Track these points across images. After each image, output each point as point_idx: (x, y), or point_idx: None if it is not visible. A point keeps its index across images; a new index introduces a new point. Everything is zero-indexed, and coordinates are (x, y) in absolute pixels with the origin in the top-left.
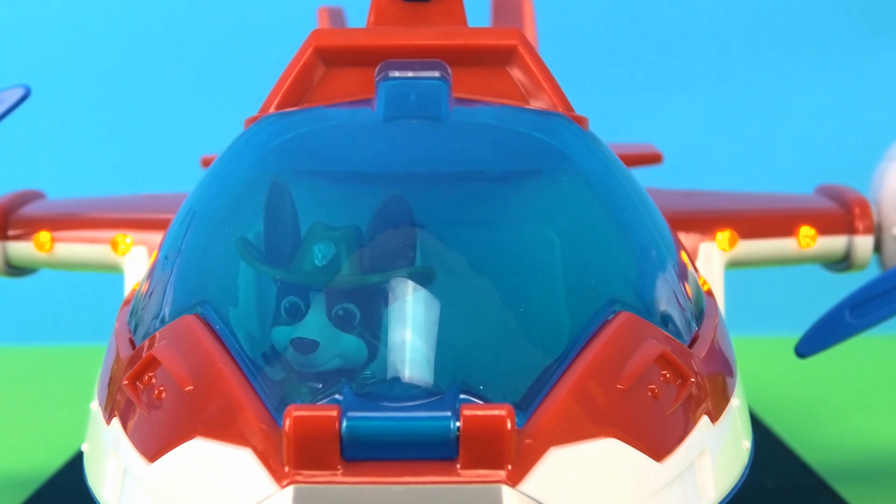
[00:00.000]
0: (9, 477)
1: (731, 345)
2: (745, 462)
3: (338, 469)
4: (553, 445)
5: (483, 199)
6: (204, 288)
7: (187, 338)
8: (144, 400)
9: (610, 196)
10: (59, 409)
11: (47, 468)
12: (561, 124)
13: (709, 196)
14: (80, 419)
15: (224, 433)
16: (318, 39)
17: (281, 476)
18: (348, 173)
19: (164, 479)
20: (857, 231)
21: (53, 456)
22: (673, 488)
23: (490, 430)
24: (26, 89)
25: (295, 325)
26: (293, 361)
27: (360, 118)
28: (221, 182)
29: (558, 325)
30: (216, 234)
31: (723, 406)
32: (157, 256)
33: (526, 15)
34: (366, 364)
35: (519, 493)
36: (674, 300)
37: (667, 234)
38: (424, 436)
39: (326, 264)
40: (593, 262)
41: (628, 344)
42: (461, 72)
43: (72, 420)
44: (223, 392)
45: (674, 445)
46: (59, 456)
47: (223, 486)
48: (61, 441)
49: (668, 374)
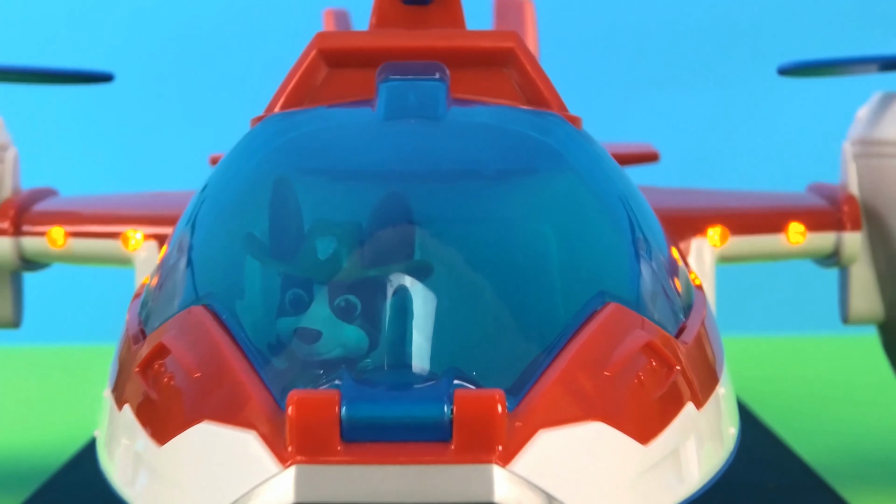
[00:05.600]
0: (12, 474)
1: (718, 336)
2: (730, 448)
3: (338, 450)
4: (542, 428)
5: (479, 196)
6: (212, 281)
7: (196, 328)
8: (154, 386)
9: (602, 193)
10: (58, 408)
11: (49, 466)
12: (555, 124)
13: (701, 194)
14: (80, 419)
15: (230, 417)
16: (321, 42)
17: (284, 457)
18: (350, 171)
19: (174, 460)
20: (845, 227)
21: (53, 456)
22: (658, 470)
23: (482, 414)
24: (109, 74)
25: (299, 316)
26: (297, 350)
27: (361, 118)
28: (228, 179)
29: (549, 316)
30: (223, 229)
31: (708, 393)
32: (167, 251)
33: (527, 17)
34: (365, 353)
35: (509, 473)
36: (661, 293)
37: (657, 230)
38: (420, 419)
39: (329, 258)
40: (584, 256)
41: (616, 333)
42: (459, 73)
43: (72, 420)
44: (229, 379)
45: (659, 430)
46: (60, 455)
47: (229, 466)
48: (62, 439)
49: (654, 362)
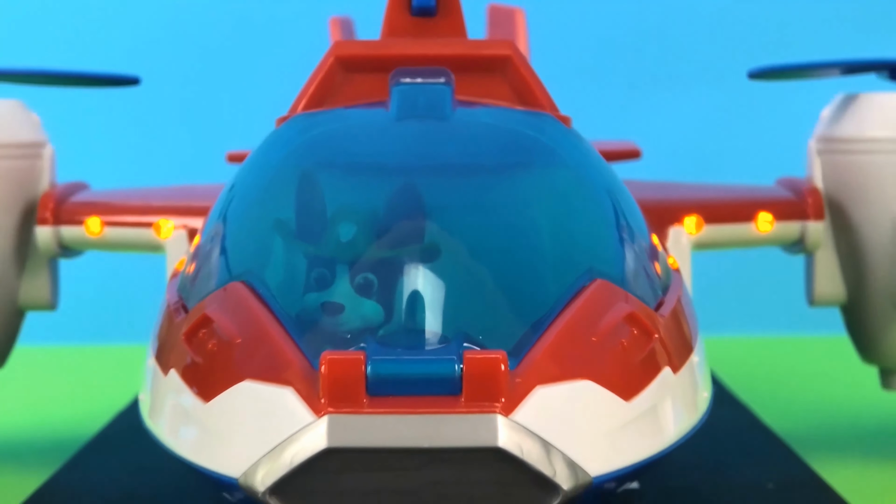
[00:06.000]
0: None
1: (693, 311)
2: (703, 409)
3: (364, 402)
4: (539, 385)
5: (481, 187)
6: (247, 261)
7: (236, 300)
8: (199, 351)
9: (589, 184)
10: (57, 409)
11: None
12: (548, 123)
13: (679, 186)
14: (80, 418)
15: (269, 376)
16: (338, 50)
17: (318, 408)
18: (366, 165)
19: (220, 414)
20: (809, 217)
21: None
22: (638, 423)
23: (487, 371)
24: (136, 78)
25: (324, 292)
26: (324, 320)
27: (376, 118)
28: (258, 172)
29: (544, 289)
30: (256, 215)
31: (683, 360)
32: (203, 236)
33: (518, 24)
34: (384, 322)
35: (511, 422)
36: (642, 272)
37: (639, 218)
38: (434, 375)
39: (349, 241)
40: (574, 239)
41: (602, 305)
42: (462, 78)
43: (71, 420)
44: (268, 342)
45: (640, 388)
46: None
47: (270, 417)
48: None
49: (636, 331)
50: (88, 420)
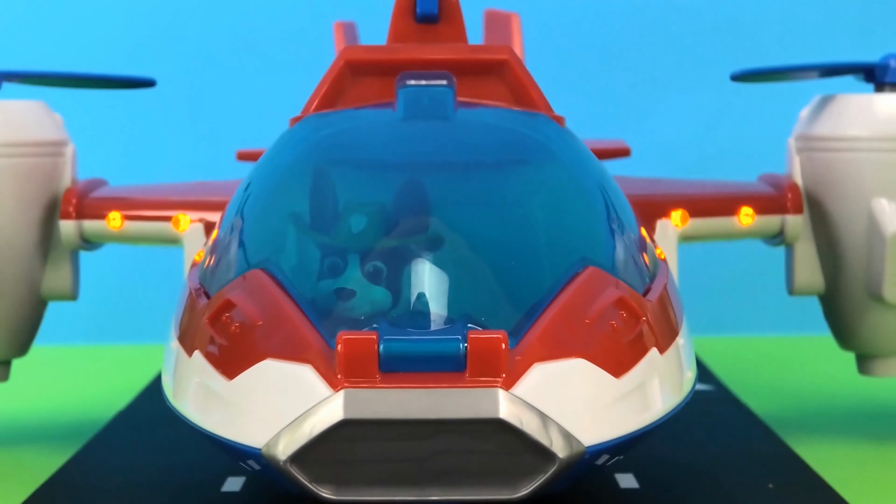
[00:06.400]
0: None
1: (679, 299)
2: (688, 388)
3: (376, 378)
4: (537, 362)
5: (482, 182)
6: (265, 250)
7: (256, 286)
8: (223, 333)
9: (582, 180)
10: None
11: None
12: (543, 123)
13: (666, 182)
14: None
15: (289, 354)
16: (348, 54)
17: (335, 383)
18: (375, 161)
19: (243, 390)
20: (788, 211)
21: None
22: (628, 398)
23: (489, 349)
24: (152, 80)
25: (337, 279)
26: (338, 304)
27: (383, 118)
28: (274, 168)
29: (540, 275)
30: (273, 208)
31: (669, 342)
32: (221, 229)
33: (514, 28)
34: (393, 306)
35: (511, 395)
36: (631, 261)
37: (628, 210)
38: (440, 353)
39: (360, 232)
40: (568, 230)
41: (594, 290)
42: (463, 80)
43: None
44: (287, 324)
45: (629, 367)
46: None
47: (291, 392)
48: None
49: (625, 314)
50: (88, 419)
